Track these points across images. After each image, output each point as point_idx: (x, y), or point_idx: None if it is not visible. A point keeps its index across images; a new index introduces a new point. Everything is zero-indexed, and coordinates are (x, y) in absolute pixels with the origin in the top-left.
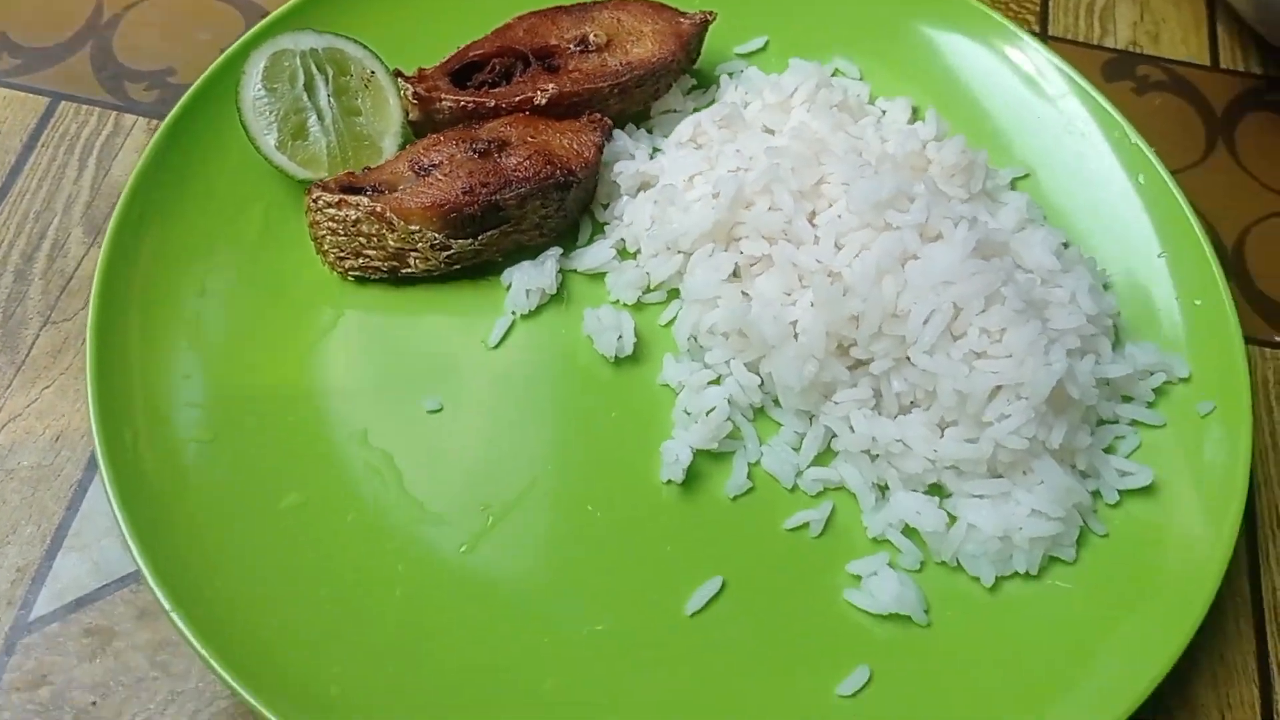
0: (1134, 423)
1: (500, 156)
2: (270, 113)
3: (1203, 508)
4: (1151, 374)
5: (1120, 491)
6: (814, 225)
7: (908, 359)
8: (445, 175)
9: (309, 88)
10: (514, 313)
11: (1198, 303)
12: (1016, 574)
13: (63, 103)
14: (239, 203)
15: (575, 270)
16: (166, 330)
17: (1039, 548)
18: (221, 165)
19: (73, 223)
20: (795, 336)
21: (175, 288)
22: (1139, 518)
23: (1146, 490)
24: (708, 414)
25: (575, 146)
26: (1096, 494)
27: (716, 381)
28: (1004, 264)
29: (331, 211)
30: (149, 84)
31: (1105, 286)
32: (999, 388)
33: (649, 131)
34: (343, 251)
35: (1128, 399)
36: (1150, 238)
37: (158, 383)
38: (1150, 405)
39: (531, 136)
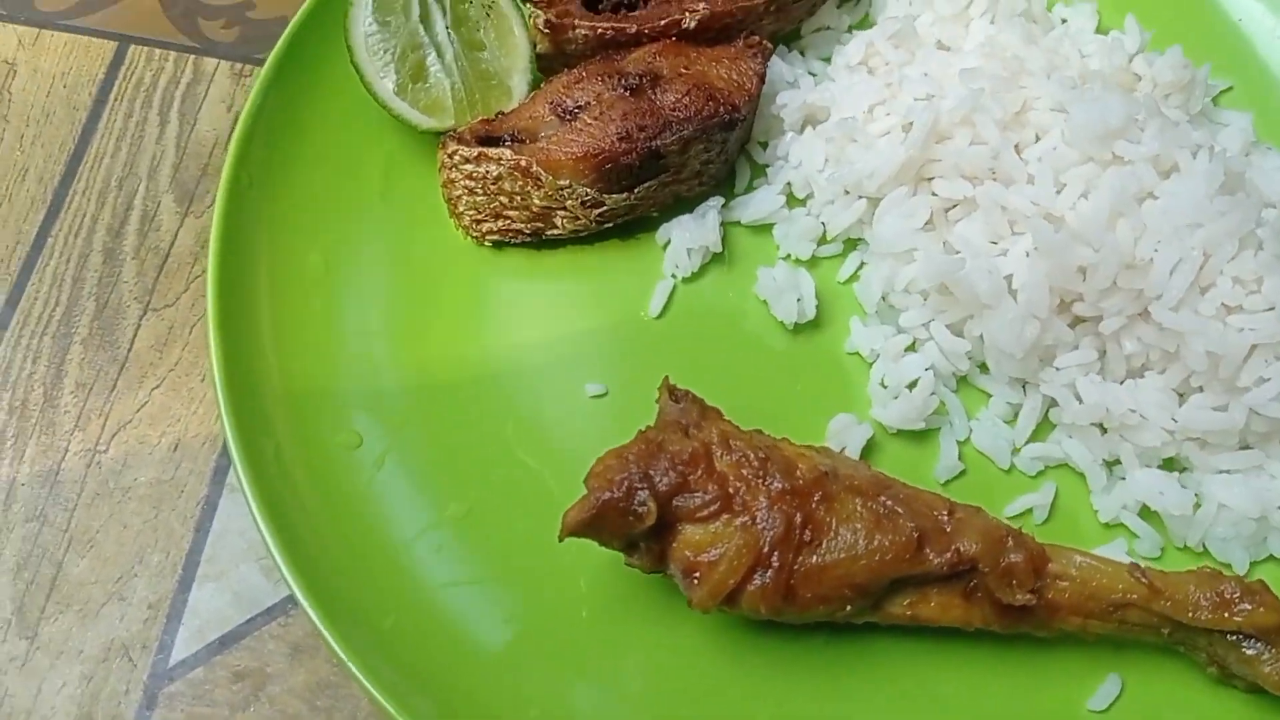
0: None
1: (654, 93)
2: (385, 52)
3: None
4: None
5: None
6: (1023, 160)
7: (1143, 315)
8: (595, 119)
9: (425, 19)
10: (675, 275)
11: None
12: (1272, 557)
13: (132, 47)
14: (354, 160)
15: (738, 222)
16: (296, 318)
17: None
18: (331, 117)
19: (161, 189)
20: (1012, 293)
21: (298, 267)
22: None
23: None
24: (910, 388)
25: (735, 77)
26: None
27: (912, 347)
28: (1251, 200)
29: (469, 168)
30: (226, 20)
31: None
32: (1255, 346)
33: (802, 54)
34: (480, 213)
35: None
36: None
37: (295, 382)
38: None
39: (685, 68)
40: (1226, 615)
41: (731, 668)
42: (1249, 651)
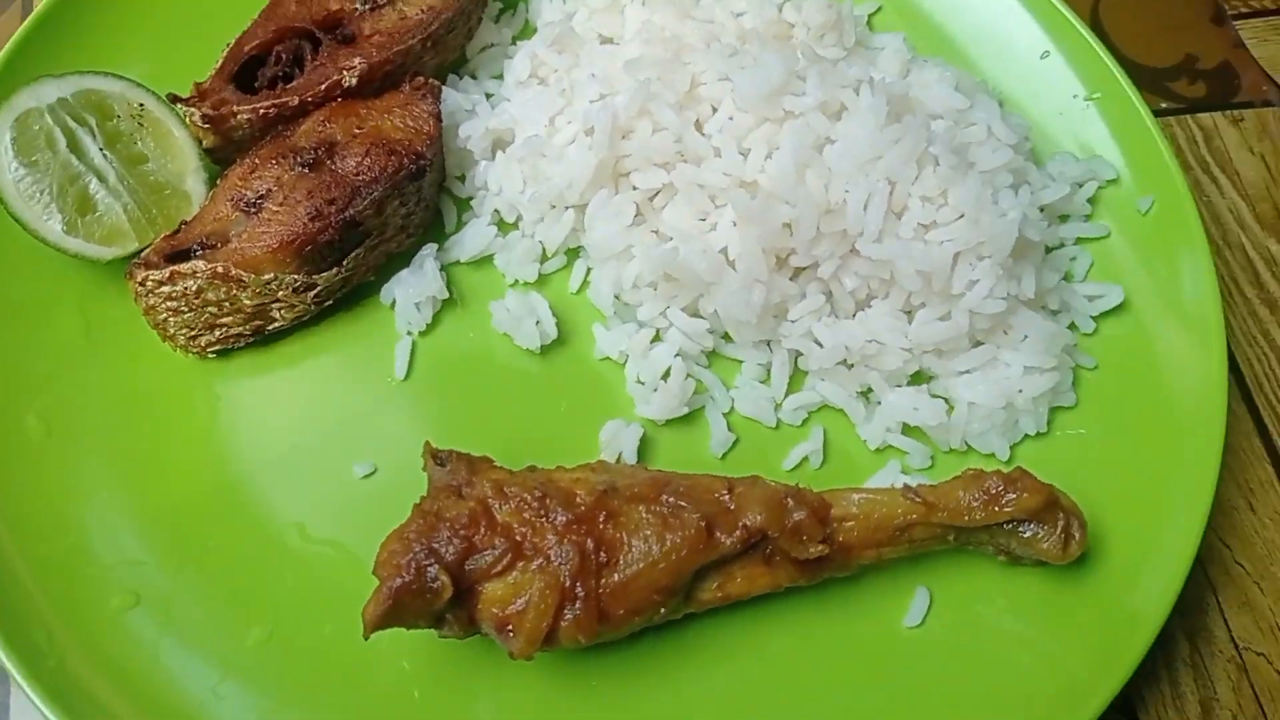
0: (1079, 240)
1: (334, 162)
2: (41, 193)
3: (1179, 311)
4: (1081, 185)
5: (1094, 318)
6: (705, 135)
7: (854, 252)
8: (280, 205)
9: (75, 147)
10: (410, 332)
11: (1097, 96)
12: (1027, 437)
13: None
14: (46, 309)
15: (458, 261)
16: (28, 491)
17: (1043, 403)
18: (7, 271)
19: None
20: (731, 264)
21: (15, 437)
22: (1120, 337)
23: (1119, 307)
24: (665, 378)
25: (411, 123)
26: (1072, 327)
27: (658, 338)
28: (918, 120)
29: (166, 290)
30: None
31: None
32: (958, 254)
33: (474, 77)
34: (194, 329)
35: (1064, 218)
36: (1029, 39)
37: (47, 561)
38: (1088, 218)
39: (359, 127)
40: (997, 509)
41: (576, 695)
42: (1025, 534)
